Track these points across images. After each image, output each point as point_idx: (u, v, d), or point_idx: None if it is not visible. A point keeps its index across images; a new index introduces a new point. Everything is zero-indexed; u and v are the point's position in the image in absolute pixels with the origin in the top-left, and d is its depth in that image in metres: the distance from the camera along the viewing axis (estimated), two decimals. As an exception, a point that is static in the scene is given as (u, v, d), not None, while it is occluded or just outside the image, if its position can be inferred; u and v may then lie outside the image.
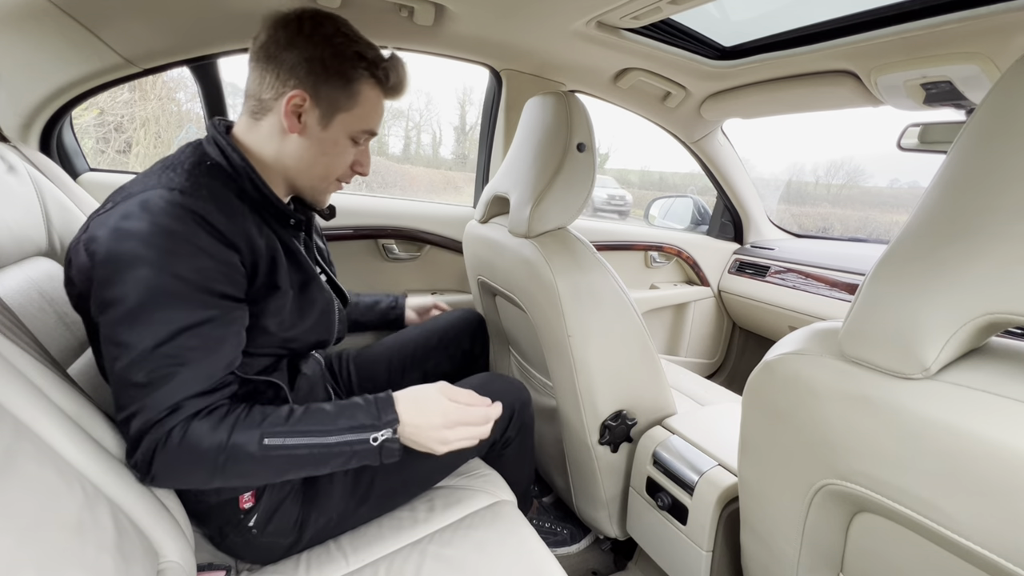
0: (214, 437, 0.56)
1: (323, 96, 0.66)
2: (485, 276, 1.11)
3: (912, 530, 0.43)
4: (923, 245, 0.39)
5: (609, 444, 0.92)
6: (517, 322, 1.11)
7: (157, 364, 0.54)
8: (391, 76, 0.69)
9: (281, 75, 0.64)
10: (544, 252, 0.86)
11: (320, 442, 0.61)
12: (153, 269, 0.53)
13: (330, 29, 0.65)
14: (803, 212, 12.00)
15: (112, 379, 0.55)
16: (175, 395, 0.54)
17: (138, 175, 0.63)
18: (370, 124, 0.72)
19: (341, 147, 0.71)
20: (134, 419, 0.54)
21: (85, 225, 0.59)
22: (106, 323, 0.54)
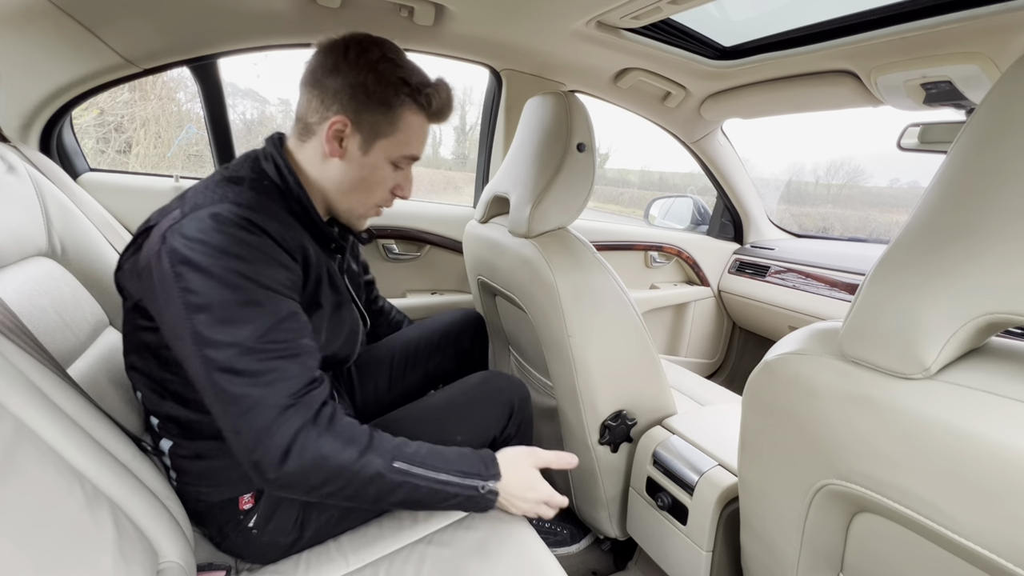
0: (347, 450, 0.60)
1: (364, 122, 0.67)
2: (485, 276, 1.12)
3: (912, 530, 0.43)
4: (923, 245, 0.39)
5: (609, 444, 0.92)
6: (517, 322, 1.11)
7: (262, 355, 0.56)
8: (434, 101, 0.69)
9: (325, 100, 0.66)
10: (544, 252, 0.86)
11: (437, 477, 0.66)
12: (236, 275, 0.56)
13: (375, 55, 0.66)
14: (803, 212, 11.98)
15: (210, 377, 0.56)
16: (289, 387, 0.57)
17: (199, 184, 0.65)
18: (412, 150, 0.72)
19: (382, 172, 0.72)
20: (251, 413, 0.56)
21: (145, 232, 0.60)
22: (198, 325, 0.55)
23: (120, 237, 0.95)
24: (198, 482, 0.70)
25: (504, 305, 1.14)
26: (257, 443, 0.56)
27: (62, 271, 0.78)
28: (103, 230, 0.89)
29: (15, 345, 0.51)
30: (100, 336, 0.80)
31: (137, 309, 0.63)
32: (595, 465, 0.95)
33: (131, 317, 0.65)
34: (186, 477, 0.70)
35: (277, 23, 1.04)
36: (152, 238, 0.58)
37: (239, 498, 0.71)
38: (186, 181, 1.19)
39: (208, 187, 0.63)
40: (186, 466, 0.69)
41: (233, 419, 0.56)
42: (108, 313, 0.85)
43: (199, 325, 0.55)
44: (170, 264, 0.55)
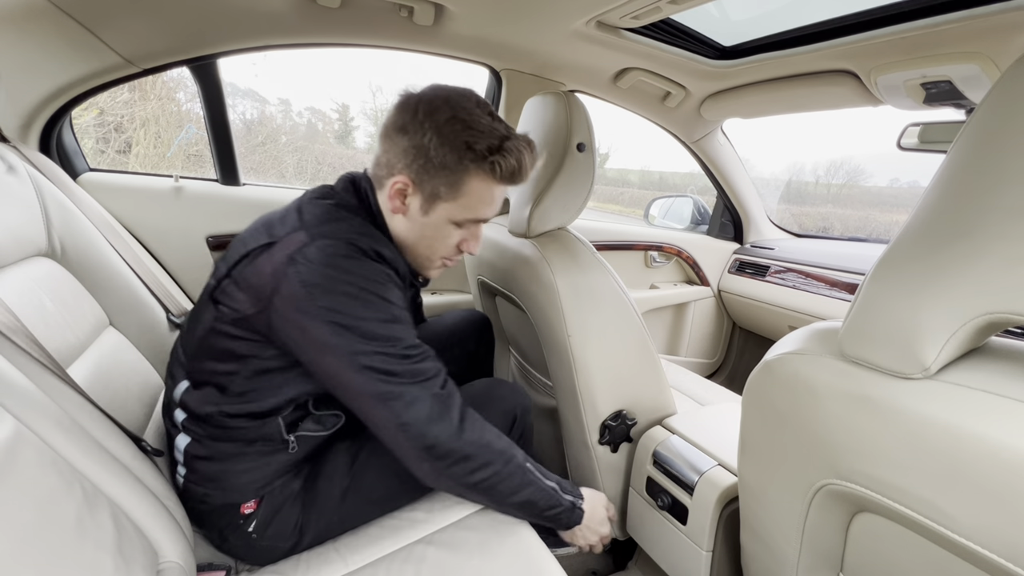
0: (500, 439, 0.72)
1: (425, 184, 0.67)
2: (485, 276, 1.11)
3: (912, 530, 0.43)
4: (923, 245, 0.39)
5: (609, 444, 0.92)
6: (517, 322, 1.11)
7: (410, 360, 0.64)
8: (503, 167, 0.67)
9: (392, 157, 0.68)
10: (544, 252, 0.86)
11: (550, 484, 0.76)
12: (375, 296, 0.63)
13: (443, 116, 0.65)
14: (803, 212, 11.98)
15: (368, 383, 0.62)
16: (438, 382, 0.67)
17: (315, 208, 0.68)
18: (476, 214, 0.71)
19: (444, 232, 0.72)
20: (415, 406, 0.64)
21: (262, 248, 0.63)
22: (349, 341, 0.61)
23: (120, 237, 0.95)
24: (206, 483, 0.70)
25: (504, 305, 1.14)
26: (429, 427, 0.64)
27: (62, 271, 0.78)
28: (103, 230, 0.89)
29: (15, 345, 0.51)
30: (100, 336, 0.80)
31: (235, 321, 0.64)
32: (595, 465, 0.94)
33: (217, 324, 0.66)
34: (195, 476, 0.70)
35: (277, 23, 1.04)
36: (276, 258, 0.61)
37: (241, 504, 0.71)
38: (186, 181, 1.19)
39: (328, 213, 0.67)
40: (199, 466, 0.70)
41: (397, 414, 0.63)
42: (108, 313, 0.85)
43: (350, 341, 0.61)
44: (304, 287, 0.60)
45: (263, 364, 0.67)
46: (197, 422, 0.70)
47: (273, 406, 0.70)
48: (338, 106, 8.88)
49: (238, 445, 0.70)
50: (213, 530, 0.73)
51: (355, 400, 0.64)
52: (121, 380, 0.77)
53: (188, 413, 0.70)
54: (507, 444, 0.73)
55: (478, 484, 0.70)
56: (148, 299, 0.91)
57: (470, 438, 0.68)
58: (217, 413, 0.68)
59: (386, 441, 0.67)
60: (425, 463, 0.67)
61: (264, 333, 0.64)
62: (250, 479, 0.71)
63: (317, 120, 10.47)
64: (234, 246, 0.68)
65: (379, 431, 0.66)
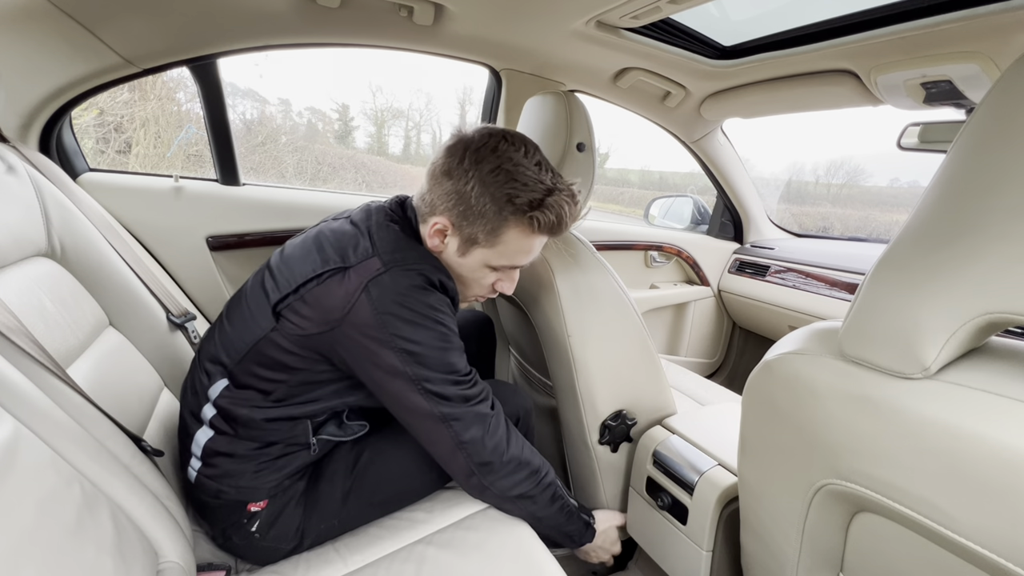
0: (535, 455, 0.78)
1: (464, 229, 0.69)
2: None
3: (912, 530, 0.43)
4: (923, 245, 0.39)
5: (609, 444, 0.92)
6: (517, 322, 1.11)
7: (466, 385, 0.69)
8: (541, 222, 0.68)
9: (435, 198, 0.70)
10: (544, 252, 0.86)
11: (572, 503, 0.83)
12: (440, 325, 0.67)
13: (490, 165, 0.66)
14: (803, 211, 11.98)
15: (429, 405, 0.67)
16: (488, 403, 0.72)
17: (385, 233, 0.69)
18: (512, 261, 0.73)
19: (479, 274, 0.74)
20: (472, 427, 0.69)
21: (335, 272, 0.65)
22: (416, 367, 0.65)
23: (120, 237, 0.95)
24: (222, 479, 0.71)
25: (504, 305, 1.14)
26: (484, 446, 0.70)
27: (62, 271, 0.77)
28: (103, 230, 0.89)
29: (15, 345, 0.51)
30: (100, 336, 0.80)
31: (296, 337, 0.66)
32: (595, 465, 0.94)
33: (275, 336, 0.67)
34: (212, 471, 0.71)
35: (277, 23, 1.04)
36: (350, 283, 0.64)
37: (250, 502, 0.72)
38: (186, 181, 1.19)
39: (399, 241, 0.69)
40: (218, 461, 0.71)
41: (457, 434, 0.68)
42: (108, 313, 0.85)
43: (417, 368, 0.65)
44: (377, 315, 0.63)
45: (312, 376, 0.70)
46: (229, 421, 0.71)
47: (310, 412, 0.73)
48: (338, 106, 8.88)
49: (262, 446, 0.72)
50: (217, 527, 0.73)
51: (414, 419, 0.69)
52: (121, 380, 0.77)
53: (221, 410, 0.71)
54: (541, 461, 0.79)
55: (519, 497, 0.76)
56: (148, 299, 0.91)
57: (515, 454, 0.74)
58: (254, 415, 0.70)
59: (441, 456, 0.72)
60: (474, 477, 0.73)
61: (323, 352, 0.67)
62: (266, 479, 0.72)
63: (317, 120, 10.46)
64: (299, 260, 0.69)
65: (434, 447, 0.71)
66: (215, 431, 0.71)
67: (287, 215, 1.26)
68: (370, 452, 0.80)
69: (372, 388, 0.69)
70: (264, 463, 0.72)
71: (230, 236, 1.22)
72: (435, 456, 0.73)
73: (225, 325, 0.75)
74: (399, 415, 0.70)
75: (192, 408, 0.74)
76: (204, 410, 0.72)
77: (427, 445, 0.72)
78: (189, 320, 0.98)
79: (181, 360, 0.94)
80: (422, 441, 0.72)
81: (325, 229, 0.73)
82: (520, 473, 0.75)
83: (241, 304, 0.74)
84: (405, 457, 0.81)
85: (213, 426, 0.71)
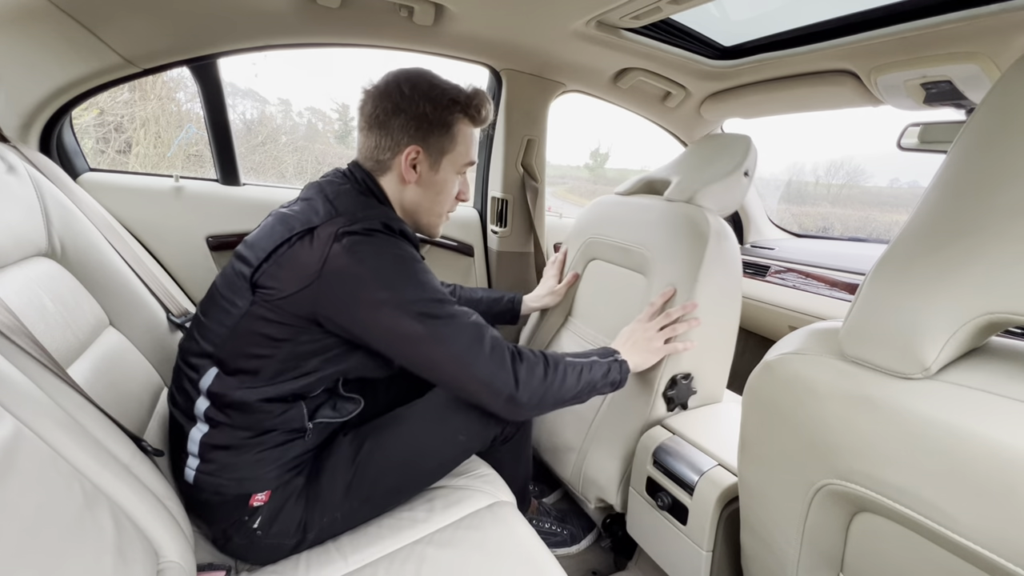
0: (539, 358, 0.77)
1: (432, 145, 0.77)
2: (601, 236, 1.17)
3: (912, 530, 0.43)
4: (923, 245, 0.39)
5: (670, 401, 0.95)
6: (607, 284, 1.17)
7: (450, 302, 0.72)
8: (481, 111, 0.79)
9: (393, 137, 0.76)
10: (708, 215, 0.96)
11: (592, 359, 0.82)
12: (413, 263, 0.71)
13: (424, 85, 0.76)
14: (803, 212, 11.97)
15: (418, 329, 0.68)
16: (474, 316, 0.74)
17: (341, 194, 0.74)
18: (471, 156, 0.83)
19: (451, 183, 0.82)
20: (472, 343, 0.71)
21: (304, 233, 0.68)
22: (398, 294, 0.68)
23: (120, 237, 0.95)
24: (221, 473, 0.71)
25: (594, 269, 1.20)
26: (489, 355, 0.72)
27: (62, 271, 0.78)
28: (103, 230, 0.89)
29: (15, 345, 0.51)
30: (100, 336, 0.80)
31: (276, 302, 0.68)
32: (641, 417, 0.95)
33: (255, 308, 0.69)
34: (211, 467, 0.71)
35: (277, 23, 1.04)
36: (320, 238, 0.67)
37: (252, 496, 0.72)
38: (186, 181, 1.19)
39: (357, 200, 0.75)
40: (215, 456, 0.71)
41: (461, 352, 0.70)
42: (108, 313, 0.85)
43: (400, 294, 0.68)
44: (352, 256, 0.66)
45: (298, 348, 0.71)
46: (223, 409, 0.71)
47: (304, 387, 0.73)
48: (338, 106, 8.86)
49: (259, 433, 0.72)
50: (217, 528, 0.73)
51: (416, 350, 0.70)
52: (121, 380, 0.77)
53: (214, 400, 0.71)
54: (547, 353, 0.80)
55: (554, 399, 0.77)
56: (148, 299, 0.91)
57: (526, 355, 0.77)
58: (248, 396, 0.70)
59: (457, 377, 0.72)
60: (514, 407, 0.74)
61: (305, 315, 0.68)
62: (265, 469, 0.73)
63: (317, 120, 10.45)
64: (265, 237, 0.72)
65: (444, 373, 0.72)
66: (210, 425, 0.71)
67: (287, 215, 1.26)
68: (370, 443, 0.80)
69: (363, 335, 0.70)
70: (262, 452, 0.72)
71: (230, 236, 1.22)
72: (451, 385, 0.74)
73: (202, 320, 0.76)
74: (399, 354, 0.71)
75: (183, 409, 0.74)
76: (197, 405, 0.72)
77: (437, 375, 0.73)
78: (189, 320, 0.98)
79: (181, 360, 0.94)
80: (432, 373, 0.73)
81: (283, 211, 0.76)
82: (538, 368, 0.76)
83: (214, 299, 0.75)
84: (406, 448, 0.82)
85: (208, 419, 0.71)
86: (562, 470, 1.12)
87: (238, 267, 0.73)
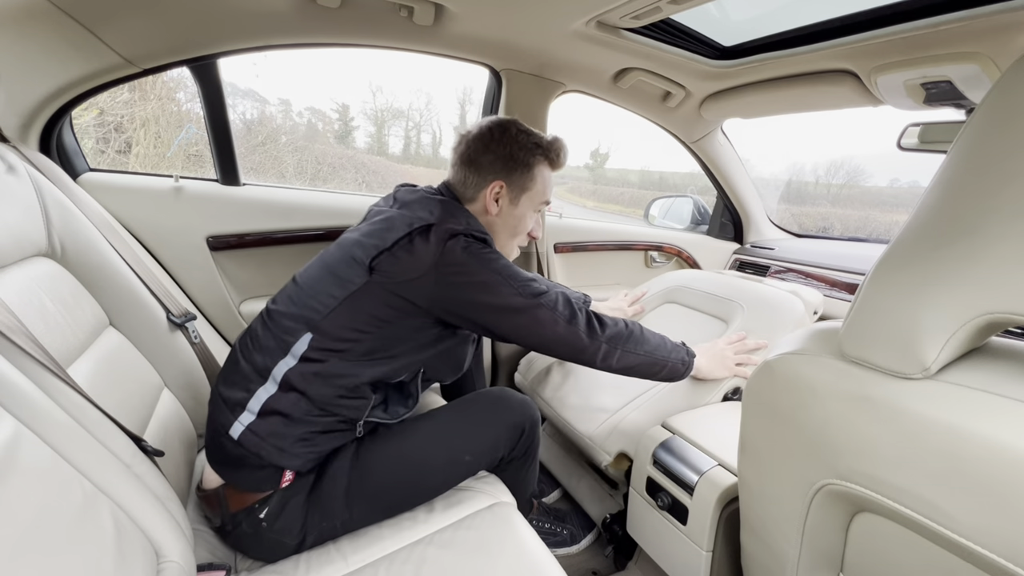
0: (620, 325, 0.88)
1: (515, 182, 0.89)
2: (691, 284, 1.35)
3: (912, 530, 0.43)
4: (923, 245, 0.39)
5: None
6: (675, 324, 1.29)
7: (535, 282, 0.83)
8: (560, 155, 0.92)
9: (482, 172, 0.88)
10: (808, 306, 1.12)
11: (660, 343, 0.92)
12: (500, 256, 0.82)
13: (513, 131, 0.89)
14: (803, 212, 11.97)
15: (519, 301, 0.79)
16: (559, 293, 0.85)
17: (436, 203, 0.85)
18: (547, 196, 0.94)
19: (527, 219, 0.94)
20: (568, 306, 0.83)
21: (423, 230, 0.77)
22: (502, 278, 0.79)
23: (120, 237, 0.95)
24: (269, 437, 0.74)
25: (666, 309, 1.37)
26: (579, 318, 0.83)
27: (62, 271, 0.78)
28: (103, 230, 0.89)
29: (15, 345, 0.51)
30: (100, 336, 0.80)
31: (393, 286, 0.76)
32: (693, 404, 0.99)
33: (369, 288, 0.76)
34: (263, 426, 0.74)
35: (277, 23, 1.04)
36: (439, 235, 0.77)
37: (284, 471, 0.75)
38: (186, 181, 1.19)
39: (460, 209, 0.87)
40: (272, 420, 0.75)
41: (561, 314, 0.81)
42: (108, 313, 0.85)
43: (506, 279, 0.79)
44: (466, 252, 0.77)
45: (400, 331, 0.78)
46: (307, 376, 0.75)
47: (386, 373, 0.80)
48: (338, 106, 8.87)
49: (320, 413, 0.76)
50: (227, 515, 0.75)
51: (521, 318, 0.80)
52: (121, 380, 0.77)
53: (305, 365, 0.76)
54: (622, 324, 0.90)
55: (627, 362, 0.87)
56: (148, 299, 0.91)
57: (607, 321, 0.88)
58: (342, 370, 0.76)
59: (558, 340, 0.82)
60: (591, 346, 0.84)
61: (416, 301, 0.76)
62: (305, 450, 0.76)
63: (317, 120, 10.46)
64: (384, 231, 0.80)
65: (547, 332, 0.81)
66: (280, 388, 0.75)
67: (287, 215, 1.26)
68: (375, 456, 0.81)
69: (474, 314, 0.79)
70: (312, 432, 0.76)
71: (230, 236, 1.22)
72: (554, 346, 0.83)
73: (300, 286, 0.83)
74: (508, 326, 0.81)
75: (259, 367, 0.77)
76: (279, 366, 0.76)
77: (544, 338, 0.82)
78: (189, 320, 0.98)
79: (181, 360, 0.94)
80: (541, 339, 0.82)
81: (388, 213, 0.85)
82: (619, 324, 0.88)
83: (318, 274, 0.82)
84: (410, 465, 0.82)
85: (285, 382, 0.75)
86: (582, 425, 1.11)
87: (350, 251, 0.81)
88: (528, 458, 0.96)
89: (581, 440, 1.09)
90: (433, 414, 0.89)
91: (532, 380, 1.32)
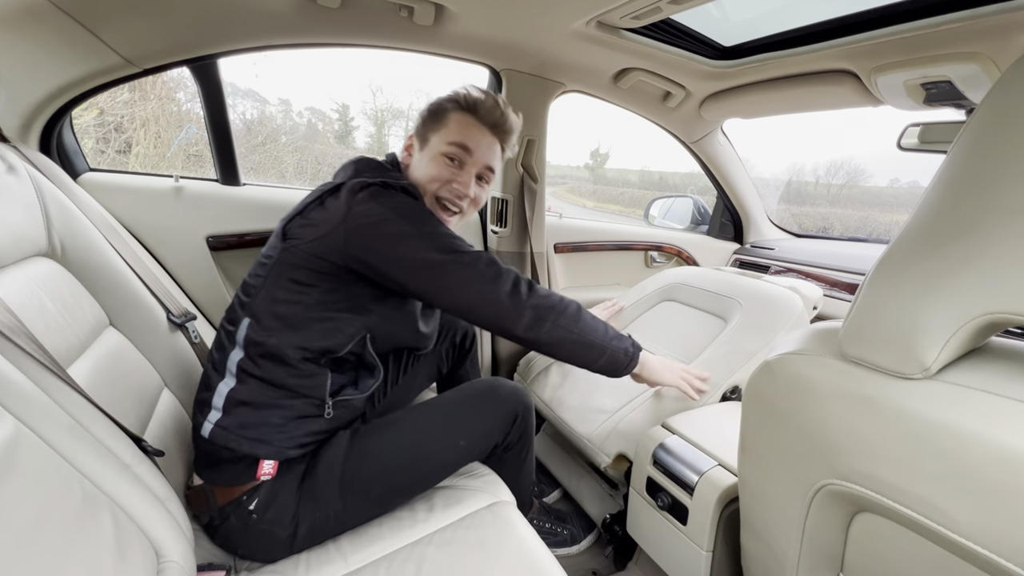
0: (551, 292, 0.85)
1: (427, 130, 0.90)
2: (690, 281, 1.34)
3: (912, 530, 0.43)
4: (923, 245, 0.39)
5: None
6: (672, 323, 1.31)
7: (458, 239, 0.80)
8: (474, 104, 0.88)
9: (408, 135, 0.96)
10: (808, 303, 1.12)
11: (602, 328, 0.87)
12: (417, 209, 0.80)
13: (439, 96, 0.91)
14: (803, 212, 11.98)
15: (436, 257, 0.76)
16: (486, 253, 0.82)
17: (359, 165, 0.88)
18: (460, 138, 0.88)
19: (438, 161, 0.88)
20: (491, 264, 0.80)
21: (333, 190, 0.78)
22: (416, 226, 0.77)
23: (120, 237, 0.95)
24: (238, 429, 0.74)
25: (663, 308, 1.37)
26: (508, 275, 0.80)
27: (62, 271, 0.77)
28: (103, 230, 0.89)
29: (15, 345, 0.51)
30: (100, 336, 0.80)
31: (307, 246, 0.76)
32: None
33: (285, 255, 0.77)
34: (229, 421, 0.75)
35: (277, 23, 1.04)
36: (343, 193, 0.76)
37: (261, 461, 0.74)
38: (186, 181, 1.19)
39: (376, 166, 0.88)
40: (237, 411, 0.75)
41: (480, 273, 0.77)
42: (108, 313, 0.85)
43: (419, 230, 0.76)
44: (373, 200, 0.76)
45: (325, 296, 0.77)
46: (256, 360, 0.76)
47: (334, 345, 0.78)
48: (338, 106, 8.86)
49: (282, 395, 0.76)
50: (214, 508, 0.74)
51: (439, 274, 0.76)
52: (121, 380, 0.77)
53: (249, 350, 0.76)
54: (559, 297, 0.85)
55: (556, 337, 0.82)
56: (148, 299, 0.91)
57: (536, 288, 0.84)
58: (281, 346, 0.75)
59: (479, 303, 0.78)
60: (517, 314, 0.79)
61: (332, 257, 0.75)
62: (279, 435, 0.75)
63: (317, 120, 10.46)
64: (299, 203, 0.83)
65: (468, 294, 0.78)
66: (238, 380, 0.76)
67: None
68: (369, 443, 0.81)
69: (387, 268, 0.76)
70: (281, 417, 0.76)
71: (230, 236, 1.22)
72: (467, 309, 0.79)
73: (246, 281, 0.83)
74: (422, 283, 0.77)
75: (216, 364, 0.79)
76: (230, 358, 0.77)
77: (455, 301, 0.79)
78: (189, 320, 0.98)
79: (181, 360, 0.94)
80: (450, 300, 0.78)
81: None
82: (553, 296, 0.83)
83: (256, 263, 0.84)
84: (405, 450, 0.82)
85: (239, 371, 0.76)
86: (581, 426, 1.11)
87: (276, 230, 0.82)
88: (523, 447, 0.96)
89: (580, 441, 1.09)
90: (428, 402, 0.89)
91: (531, 380, 1.32)
